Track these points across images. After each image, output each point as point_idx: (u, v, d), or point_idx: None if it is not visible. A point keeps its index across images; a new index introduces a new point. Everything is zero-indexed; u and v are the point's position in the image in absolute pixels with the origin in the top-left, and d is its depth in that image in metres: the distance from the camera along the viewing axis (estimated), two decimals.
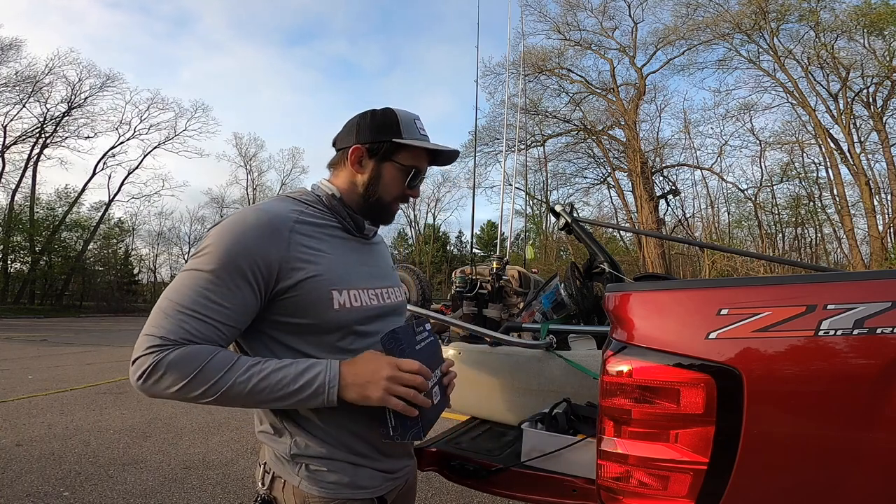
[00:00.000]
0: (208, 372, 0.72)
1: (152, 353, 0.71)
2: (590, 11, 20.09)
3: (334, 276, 0.84)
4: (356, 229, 0.93)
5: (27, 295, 25.76)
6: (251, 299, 0.78)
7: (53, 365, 7.14)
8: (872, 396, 0.66)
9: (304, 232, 0.83)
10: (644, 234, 19.55)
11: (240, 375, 0.74)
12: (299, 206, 0.88)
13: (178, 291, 0.75)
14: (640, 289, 0.85)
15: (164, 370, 0.71)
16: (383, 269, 0.99)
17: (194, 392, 0.72)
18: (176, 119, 29.40)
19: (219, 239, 0.77)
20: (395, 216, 0.99)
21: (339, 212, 0.91)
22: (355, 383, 0.77)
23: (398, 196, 0.95)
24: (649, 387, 0.75)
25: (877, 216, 15.75)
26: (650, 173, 19.50)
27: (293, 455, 0.82)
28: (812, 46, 16.31)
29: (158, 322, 0.73)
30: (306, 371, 0.76)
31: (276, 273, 0.79)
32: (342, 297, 0.83)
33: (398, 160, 0.92)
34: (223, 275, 0.75)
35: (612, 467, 0.77)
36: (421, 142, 0.92)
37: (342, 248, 0.89)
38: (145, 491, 2.77)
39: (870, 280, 0.71)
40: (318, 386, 0.75)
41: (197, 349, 0.73)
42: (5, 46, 23.95)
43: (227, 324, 0.76)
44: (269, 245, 0.78)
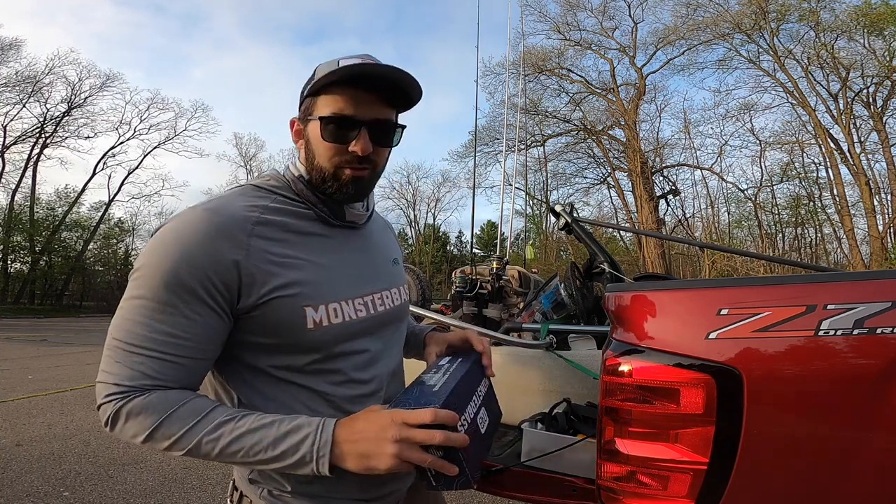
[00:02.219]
0: (171, 426, 0.61)
1: (110, 401, 0.61)
2: (590, 11, 20.10)
3: (307, 288, 0.68)
4: (333, 216, 0.76)
5: (27, 295, 25.76)
6: (214, 321, 0.64)
7: (53, 365, 7.13)
8: (872, 396, 0.66)
9: (267, 235, 0.68)
10: (644, 234, 19.54)
11: (208, 433, 0.61)
12: (263, 200, 0.71)
13: (122, 328, 0.63)
14: (640, 289, 0.85)
15: (124, 419, 0.61)
16: (377, 267, 0.82)
17: (160, 445, 0.62)
18: (176, 119, 29.37)
19: (158, 255, 0.62)
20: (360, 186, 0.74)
21: (307, 198, 0.74)
22: (355, 452, 0.60)
23: (337, 160, 0.71)
24: (649, 387, 0.75)
25: (877, 216, 15.75)
26: (650, 173, 19.50)
27: (251, 480, 0.72)
28: (812, 46, 16.31)
29: (110, 367, 0.62)
30: (291, 433, 0.61)
31: (237, 288, 0.64)
32: (318, 314, 0.69)
33: (317, 113, 0.71)
34: (171, 299, 0.61)
35: (612, 467, 0.77)
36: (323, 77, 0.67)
37: (319, 247, 0.73)
38: (145, 491, 2.77)
39: (870, 280, 0.71)
40: (304, 454, 0.61)
41: (159, 398, 0.61)
42: (5, 46, 23.96)
43: (190, 357, 0.63)
44: (222, 256, 0.63)
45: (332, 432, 0.62)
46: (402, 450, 0.58)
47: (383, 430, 0.59)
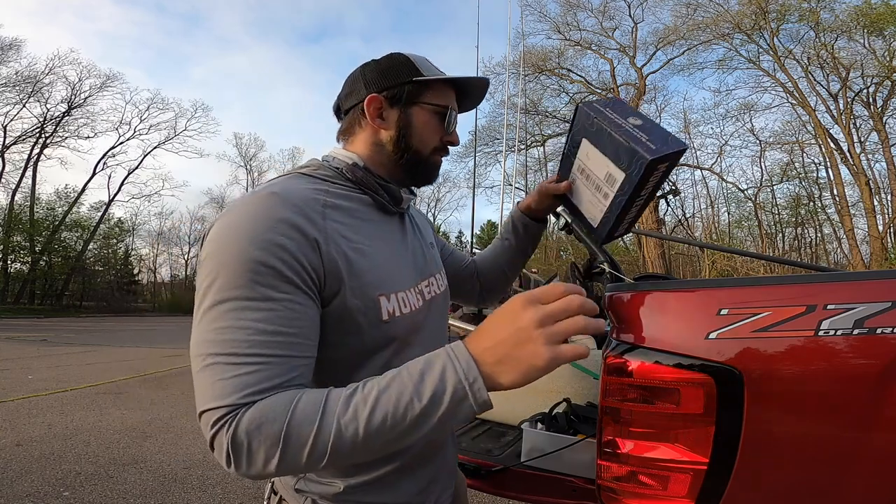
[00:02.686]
0: (301, 425, 0.49)
1: (222, 426, 0.50)
2: (590, 11, 20.11)
3: (380, 276, 0.64)
4: (393, 202, 0.74)
5: (27, 295, 25.77)
6: (311, 308, 0.57)
7: (53, 365, 7.13)
8: (872, 396, 0.66)
9: (337, 219, 0.63)
10: (644, 234, 19.53)
11: (342, 414, 0.50)
12: (321, 185, 0.68)
13: (212, 341, 0.53)
14: (640, 289, 0.85)
15: (247, 441, 0.49)
16: (423, 252, 0.80)
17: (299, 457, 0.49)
18: (176, 119, 29.51)
19: (234, 247, 0.54)
20: (438, 172, 0.80)
21: (368, 184, 0.72)
22: (504, 358, 0.50)
23: (437, 146, 0.77)
24: (649, 387, 0.75)
25: (877, 216, 15.76)
26: None
27: (297, 489, 0.68)
28: (812, 46, 16.32)
29: (209, 390, 0.52)
30: (426, 374, 0.50)
31: (322, 273, 0.58)
32: (391, 304, 0.64)
33: (427, 101, 0.75)
34: (263, 291, 0.53)
35: (612, 467, 0.77)
36: (437, 71, 0.76)
37: (381, 235, 0.71)
38: (145, 491, 2.77)
39: (870, 280, 0.71)
40: (454, 387, 0.49)
41: (268, 402, 0.51)
42: (5, 46, 23.96)
43: (300, 355, 0.55)
44: (304, 235, 0.57)
45: (466, 352, 0.51)
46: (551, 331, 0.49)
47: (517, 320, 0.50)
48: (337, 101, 0.81)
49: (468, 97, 0.82)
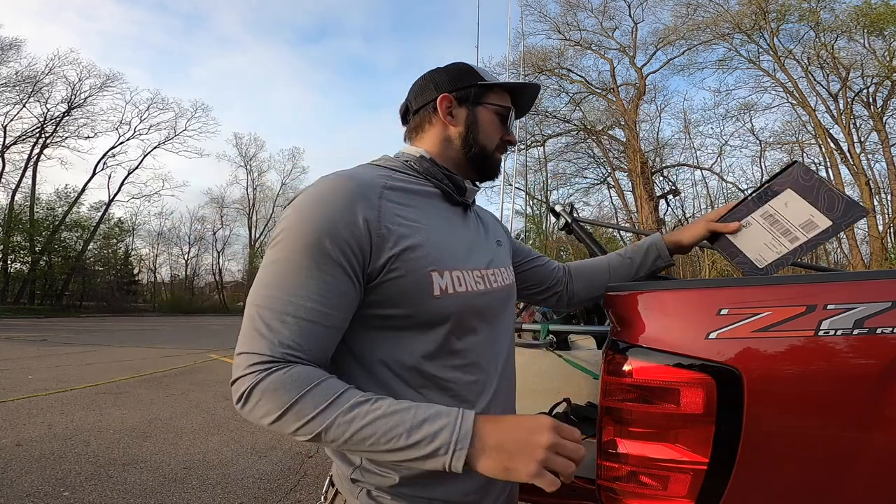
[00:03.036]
0: (306, 404, 0.58)
1: (251, 373, 0.59)
2: (590, 11, 20.12)
3: (433, 252, 0.69)
4: (457, 192, 0.80)
5: (27, 295, 25.78)
6: (347, 287, 0.64)
7: (53, 365, 7.14)
8: (872, 396, 0.66)
9: (395, 199, 0.70)
10: (644, 234, 19.52)
11: (342, 415, 0.58)
12: (386, 172, 0.75)
13: (262, 294, 0.62)
14: (640, 289, 0.85)
15: (259, 397, 0.58)
16: (487, 245, 0.85)
17: (289, 426, 0.58)
18: (176, 119, 29.54)
19: (298, 216, 0.64)
20: (499, 169, 0.88)
21: (433, 174, 0.78)
22: (499, 449, 0.56)
23: (498, 143, 0.85)
24: (649, 387, 0.75)
25: (877, 216, 15.75)
26: (650, 173, 19.50)
27: (353, 479, 0.70)
28: (812, 46, 16.32)
29: (251, 337, 0.61)
30: (428, 421, 0.57)
31: (369, 250, 0.65)
32: (443, 280, 0.68)
33: (490, 102, 0.83)
34: (310, 263, 0.62)
35: (612, 467, 0.77)
36: (494, 77, 0.85)
37: (440, 217, 0.75)
38: (145, 491, 2.77)
39: (870, 280, 0.71)
40: (439, 445, 0.56)
41: (300, 373, 0.59)
42: (5, 46, 23.96)
43: (328, 325, 0.63)
44: (357, 215, 0.64)
45: (472, 424, 0.57)
46: (550, 456, 0.55)
47: (534, 433, 0.56)
48: (405, 104, 0.87)
49: (520, 102, 0.90)
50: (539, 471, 0.55)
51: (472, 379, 0.73)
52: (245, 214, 37.50)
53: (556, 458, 0.56)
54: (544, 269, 1.06)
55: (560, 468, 0.56)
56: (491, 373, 0.76)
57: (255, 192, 37.52)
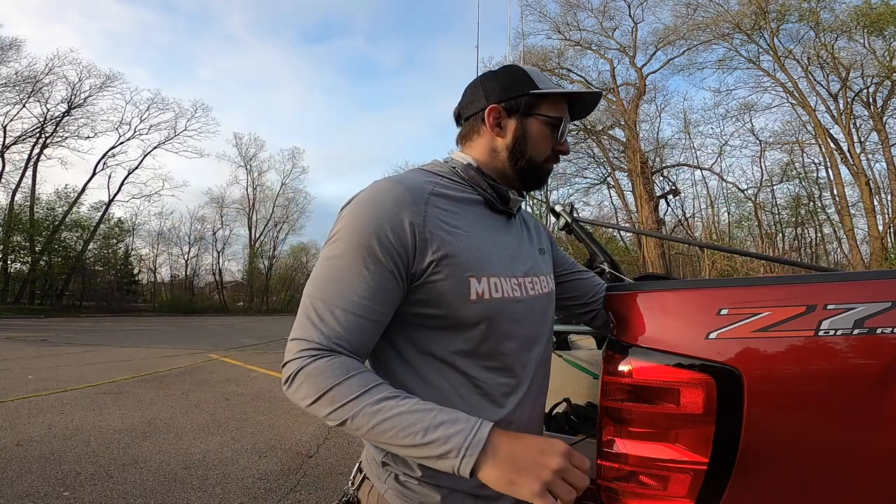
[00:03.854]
0: (340, 391, 0.62)
1: (300, 357, 0.65)
2: (590, 11, 20.10)
3: (472, 258, 0.72)
4: (501, 201, 0.81)
5: (27, 295, 25.78)
6: (391, 285, 0.68)
7: (53, 365, 7.14)
8: (872, 396, 0.66)
9: (440, 205, 0.73)
10: (644, 234, 19.55)
11: (370, 405, 0.62)
12: (434, 178, 0.77)
13: (318, 286, 0.68)
14: (641, 289, 0.85)
15: (302, 380, 0.64)
16: (529, 252, 0.85)
17: (321, 412, 0.63)
18: (176, 119, 29.53)
19: (351, 218, 0.69)
20: (548, 176, 0.87)
21: (478, 183, 0.80)
22: (508, 462, 0.58)
23: (549, 155, 0.83)
24: (649, 387, 0.75)
25: (877, 216, 15.74)
26: (650, 173, 19.48)
27: (384, 462, 0.74)
28: (812, 46, 16.31)
29: (304, 325, 0.67)
30: (445, 424, 0.60)
31: (413, 252, 0.68)
32: (480, 285, 0.71)
33: (541, 113, 0.81)
34: (361, 262, 0.67)
35: (612, 467, 0.77)
36: (561, 88, 0.82)
37: (482, 225, 0.77)
38: (145, 491, 2.77)
39: (870, 280, 0.71)
40: (451, 448, 0.58)
41: (341, 363, 0.64)
42: (5, 46, 23.97)
43: (373, 320, 0.67)
44: (404, 219, 0.68)
45: (487, 433, 0.60)
46: (556, 480, 0.57)
47: (552, 453, 0.58)
48: (458, 109, 0.88)
49: (579, 106, 0.87)
50: (542, 491, 0.56)
51: (504, 381, 0.75)
52: (245, 214, 37.51)
53: (560, 482, 0.57)
54: (588, 282, 1.03)
55: (563, 494, 0.56)
56: (523, 377, 0.77)
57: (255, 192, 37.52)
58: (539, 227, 0.97)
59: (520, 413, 0.76)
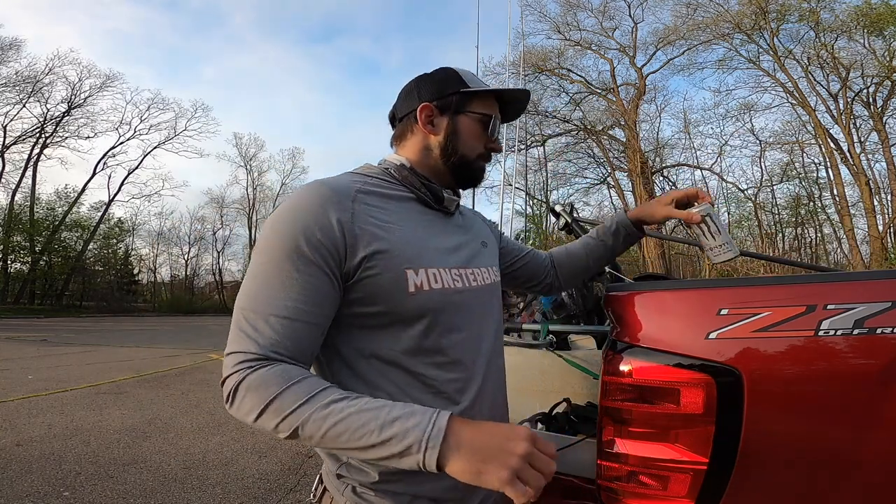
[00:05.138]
0: (285, 399, 0.59)
1: (237, 371, 0.61)
2: (590, 11, 20.10)
3: (407, 251, 0.71)
4: (435, 200, 0.82)
5: (27, 295, 25.78)
6: (327, 287, 0.66)
7: (53, 365, 7.14)
8: (872, 396, 0.66)
9: (369, 202, 0.72)
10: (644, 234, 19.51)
11: (318, 411, 0.58)
12: (363, 178, 0.77)
13: (247, 297, 0.65)
14: (641, 289, 0.85)
15: (244, 392, 0.60)
16: (468, 245, 0.86)
17: (270, 422, 0.59)
18: (176, 119, 29.51)
19: (276, 223, 0.67)
20: (482, 177, 0.88)
21: (411, 182, 0.80)
22: (472, 451, 0.55)
23: (482, 152, 0.85)
24: (649, 387, 0.75)
25: (877, 216, 15.74)
26: (650, 173, 19.49)
27: (338, 475, 0.72)
28: (812, 46, 16.31)
29: (238, 338, 0.64)
30: (401, 419, 0.57)
31: (344, 250, 0.67)
32: (419, 277, 0.70)
33: (472, 110, 0.83)
34: (291, 266, 0.65)
35: (612, 467, 0.77)
36: (481, 83, 0.84)
37: (417, 220, 0.77)
38: (145, 491, 2.77)
39: (870, 280, 0.71)
40: (411, 442, 0.55)
41: (282, 370, 0.61)
42: (5, 46, 23.97)
43: (310, 323, 0.65)
44: (331, 217, 0.67)
45: (446, 423, 0.56)
46: (524, 466, 0.54)
47: (516, 439, 0.55)
48: (392, 111, 0.89)
49: (510, 108, 0.90)
50: (511, 478, 0.53)
51: (454, 376, 0.73)
52: (245, 214, 37.45)
53: (528, 469, 0.54)
54: (535, 262, 1.10)
55: (532, 480, 0.54)
56: (475, 371, 0.76)
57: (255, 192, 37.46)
58: (481, 223, 0.99)
59: (478, 408, 0.75)
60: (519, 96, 0.88)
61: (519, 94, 0.88)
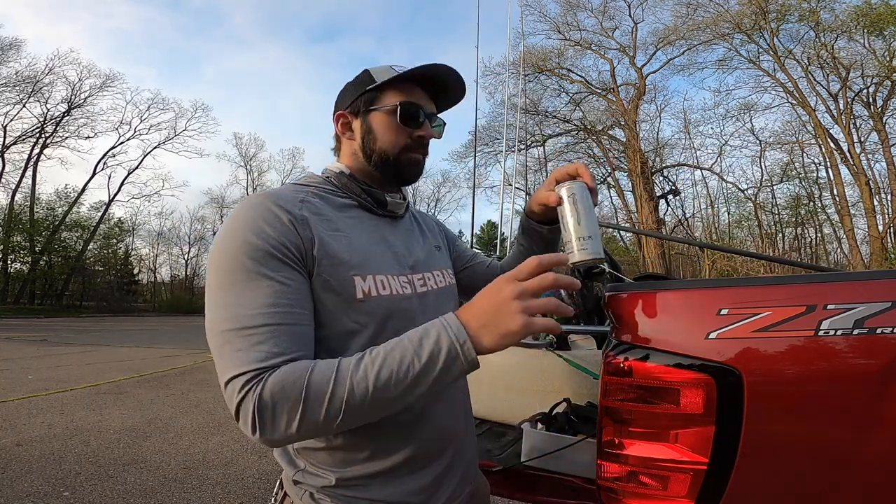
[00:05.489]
0: (318, 385, 0.57)
1: (248, 391, 0.56)
2: (590, 11, 20.12)
3: (354, 257, 0.70)
4: (378, 205, 0.81)
5: (27, 295, 25.79)
6: (303, 283, 0.65)
7: (53, 365, 7.14)
8: (872, 396, 0.66)
9: (314, 211, 0.72)
10: (644, 234, 19.54)
11: (353, 374, 0.57)
12: (305, 188, 0.77)
13: (224, 318, 0.61)
14: (640, 289, 0.85)
15: (271, 405, 0.56)
16: (419, 250, 0.85)
17: (318, 414, 0.56)
18: (176, 119, 29.52)
19: (231, 237, 0.64)
20: (418, 169, 0.83)
21: (352, 189, 0.80)
22: (485, 325, 0.58)
23: (405, 144, 0.80)
24: (649, 387, 0.75)
25: (877, 216, 15.75)
26: (650, 173, 19.50)
27: (295, 481, 0.73)
28: (812, 46, 16.32)
29: (230, 361, 0.59)
30: (423, 340, 0.58)
31: (300, 243, 0.66)
32: (366, 283, 0.70)
33: (382, 104, 0.79)
34: (260, 269, 0.62)
35: (612, 467, 0.77)
36: (392, 72, 0.79)
37: (362, 227, 0.77)
38: (145, 491, 2.77)
39: (870, 280, 0.71)
40: (448, 348, 0.57)
41: (291, 367, 0.58)
42: (5, 46, 23.97)
43: (298, 323, 0.63)
44: (280, 216, 0.66)
45: (457, 321, 0.59)
46: (526, 305, 0.57)
47: (499, 293, 0.58)
48: None
49: (446, 96, 0.85)
50: (526, 321, 0.57)
51: None
52: None
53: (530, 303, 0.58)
54: (482, 269, 1.08)
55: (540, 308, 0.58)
56: None
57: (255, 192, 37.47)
58: (434, 225, 0.98)
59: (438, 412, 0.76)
60: (439, 73, 0.80)
61: (439, 70, 0.80)
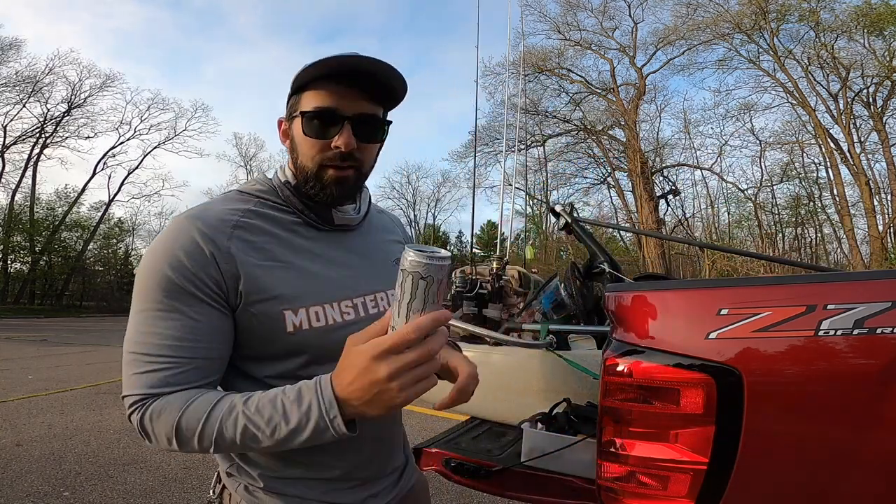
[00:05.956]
0: (190, 417, 0.59)
1: (135, 410, 0.62)
2: (590, 11, 20.12)
3: (287, 291, 0.67)
4: (323, 222, 0.74)
5: (27, 295, 25.79)
6: (217, 319, 0.64)
7: (53, 365, 7.14)
8: (872, 396, 0.66)
9: (246, 238, 0.67)
10: (644, 234, 19.55)
11: (225, 417, 0.58)
12: (245, 204, 0.71)
13: (132, 340, 0.63)
14: (640, 289, 0.85)
15: (151, 425, 0.61)
16: (372, 268, 0.78)
17: (189, 443, 0.60)
18: (176, 119, 29.42)
19: (151, 266, 0.63)
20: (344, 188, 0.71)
21: (294, 204, 0.73)
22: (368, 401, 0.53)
23: (320, 157, 0.69)
24: (649, 387, 0.75)
25: (877, 216, 15.75)
26: (650, 173, 19.50)
27: (228, 473, 0.73)
28: (812, 46, 16.32)
29: (128, 380, 0.63)
30: (295, 404, 0.57)
31: (222, 280, 0.64)
32: (297, 317, 0.67)
33: (303, 109, 0.68)
34: (171, 304, 0.62)
35: (612, 467, 0.77)
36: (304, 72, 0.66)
37: (303, 250, 0.71)
38: (145, 491, 2.77)
39: (870, 280, 0.71)
40: (316, 421, 0.55)
41: (177, 396, 0.61)
42: (5, 46, 23.97)
43: (202, 357, 0.63)
44: (205, 257, 0.63)
45: (331, 389, 0.55)
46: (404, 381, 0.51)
47: (374, 374, 0.52)
48: None
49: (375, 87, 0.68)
50: (410, 395, 0.52)
51: None
52: None
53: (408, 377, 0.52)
54: None
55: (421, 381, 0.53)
56: None
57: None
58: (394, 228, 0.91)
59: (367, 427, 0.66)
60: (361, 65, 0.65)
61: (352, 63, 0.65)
